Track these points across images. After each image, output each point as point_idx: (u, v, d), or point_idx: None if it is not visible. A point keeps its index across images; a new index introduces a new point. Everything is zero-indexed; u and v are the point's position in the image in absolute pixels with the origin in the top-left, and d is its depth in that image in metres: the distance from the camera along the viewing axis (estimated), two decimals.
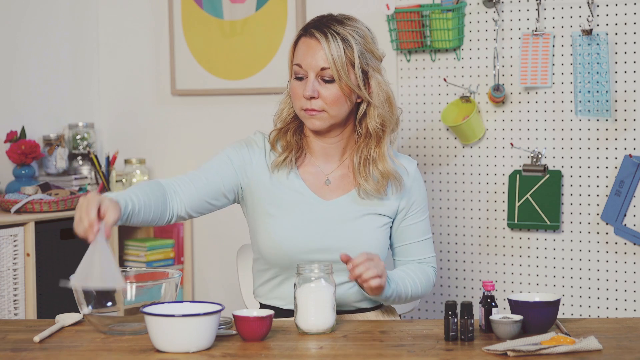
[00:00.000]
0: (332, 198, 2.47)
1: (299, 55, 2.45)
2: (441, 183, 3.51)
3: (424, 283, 2.50)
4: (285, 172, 2.48)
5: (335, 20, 2.45)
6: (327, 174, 2.50)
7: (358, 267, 2.26)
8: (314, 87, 2.41)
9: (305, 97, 2.41)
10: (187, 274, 4.03)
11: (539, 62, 3.29)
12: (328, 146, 2.50)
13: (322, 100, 2.42)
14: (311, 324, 2.17)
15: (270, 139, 2.51)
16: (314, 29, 2.44)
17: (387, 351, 2.03)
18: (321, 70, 2.41)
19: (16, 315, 3.45)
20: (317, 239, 2.43)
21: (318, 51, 2.42)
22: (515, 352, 1.97)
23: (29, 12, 3.95)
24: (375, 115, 2.45)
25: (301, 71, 2.43)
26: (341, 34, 2.41)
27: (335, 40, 2.41)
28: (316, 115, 2.42)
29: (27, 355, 2.03)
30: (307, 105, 2.42)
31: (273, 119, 2.54)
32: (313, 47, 2.42)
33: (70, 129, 4.03)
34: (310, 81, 2.41)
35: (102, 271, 2.03)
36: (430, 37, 3.44)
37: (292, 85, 2.46)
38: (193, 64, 3.99)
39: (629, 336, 2.13)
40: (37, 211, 3.52)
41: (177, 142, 4.10)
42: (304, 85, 2.43)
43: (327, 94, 2.42)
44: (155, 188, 2.38)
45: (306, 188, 2.47)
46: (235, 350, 2.04)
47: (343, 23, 2.44)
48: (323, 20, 2.46)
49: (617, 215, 3.20)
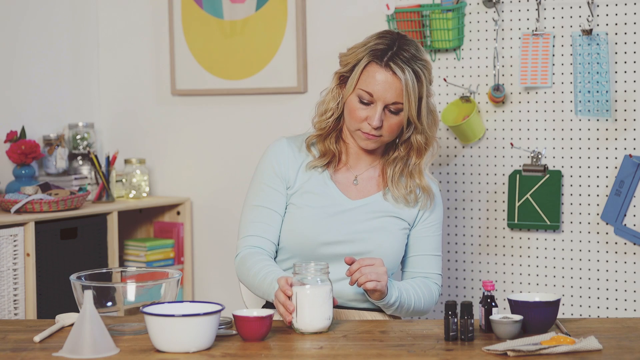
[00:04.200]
0: (357, 198, 2.57)
1: (371, 83, 2.48)
2: (441, 183, 3.51)
3: (427, 299, 2.55)
4: (319, 170, 2.57)
5: (406, 50, 2.48)
6: (357, 174, 2.59)
7: (354, 273, 2.33)
8: (381, 117, 2.48)
9: (371, 125, 2.48)
10: (187, 274, 4.03)
11: (539, 62, 3.29)
12: (364, 155, 2.60)
13: (384, 129, 2.50)
14: (307, 323, 2.18)
15: (308, 141, 2.59)
16: (391, 62, 2.47)
17: (387, 351, 2.03)
18: (392, 104, 2.48)
19: (16, 315, 3.45)
20: (338, 231, 2.51)
21: (393, 86, 2.47)
22: (515, 352, 1.97)
23: (29, 12, 3.95)
24: (420, 131, 2.54)
25: (369, 98, 2.49)
26: (414, 69, 2.48)
27: (411, 75, 2.47)
28: (373, 139, 2.52)
29: (27, 355, 2.03)
30: (367, 129, 2.50)
31: (312, 121, 2.62)
32: (389, 82, 2.47)
33: (70, 129, 4.03)
34: (379, 112, 2.48)
35: (94, 340, 2.01)
36: (430, 37, 3.44)
37: (353, 105, 2.51)
38: (193, 64, 3.99)
39: (629, 336, 2.13)
40: (37, 211, 3.52)
41: (177, 142, 4.10)
42: (368, 111, 2.49)
43: (390, 123, 2.50)
44: (271, 259, 2.52)
45: (334, 187, 2.56)
46: (235, 350, 2.05)
47: (414, 55, 2.49)
48: (396, 50, 2.48)
49: (617, 215, 3.20)
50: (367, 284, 2.32)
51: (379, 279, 2.33)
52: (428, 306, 2.56)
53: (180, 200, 4.04)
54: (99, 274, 2.31)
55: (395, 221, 2.55)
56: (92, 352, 2.00)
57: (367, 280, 2.32)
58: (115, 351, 2.03)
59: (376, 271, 2.33)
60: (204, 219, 4.04)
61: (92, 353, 2.00)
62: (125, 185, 4.00)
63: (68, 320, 2.27)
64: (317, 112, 2.61)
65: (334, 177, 2.58)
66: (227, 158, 3.98)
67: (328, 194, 2.55)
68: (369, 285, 2.33)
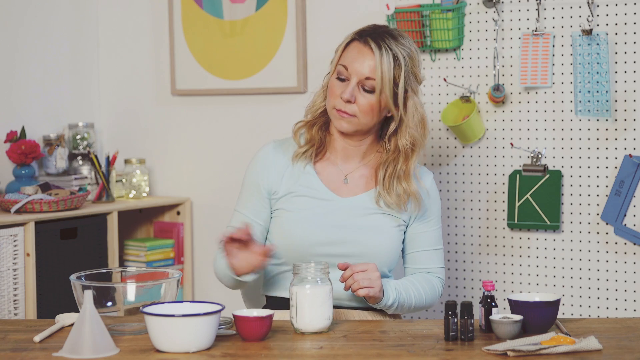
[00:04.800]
0: (348, 196, 2.54)
1: (348, 57, 2.50)
2: (441, 183, 3.51)
3: (429, 294, 2.54)
4: (302, 165, 2.56)
5: (391, 34, 2.51)
6: (347, 174, 2.57)
7: (347, 280, 2.34)
8: (353, 92, 2.48)
9: (342, 98, 2.48)
10: (187, 274, 4.02)
11: (539, 62, 3.29)
12: (349, 147, 2.57)
13: (357, 107, 2.49)
14: (307, 323, 2.18)
15: (295, 128, 2.59)
16: (370, 37, 2.49)
17: (387, 351, 2.03)
18: (365, 79, 2.48)
19: (16, 315, 3.45)
20: (328, 231, 2.49)
21: (368, 60, 2.48)
22: (515, 352, 1.97)
23: (29, 12, 3.95)
24: (406, 134, 2.53)
25: (345, 73, 2.50)
26: (394, 51, 2.48)
27: (388, 55, 2.47)
28: (346, 118, 2.49)
29: (27, 355, 2.03)
30: (341, 106, 2.49)
31: (305, 109, 2.62)
32: (364, 54, 2.48)
33: (70, 129, 4.03)
34: (351, 86, 2.48)
35: (93, 340, 2.01)
36: (430, 37, 3.44)
37: (332, 82, 2.53)
38: (193, 64, 3.99)
39: (629, 336, 2.13)
40: (37, 211, 3.52)
41: (177, 142, 4.10)
42: (344, 87, 2.49)
43: (363, 102, 2.49)
44: None
45: (320, 184, 2.54)
46: (235, 350, 2.05)
47: (397, 40, 2.50)
48: (379, 30, 2.52)
49: (617, 215, 3.20)
50: (360, 291, 2.34)
51: (371, 285, 2.34)
52: (431, 301, 2.56)
53: (180, 200, 4.04)
54: (99, 274, 2.31)
55: (388, 219, 2.54)
56: (92, 352, 2.00)
57: (360, 287, 2.33)
58: (115, 351, 2.03)
59: (369, 277, 2.34)
60: (204, 219, 4.04)
61: (92, 353, 2.00)
62: (125, 185, 4.00)
63: (68, 320, 2.27)
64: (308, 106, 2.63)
65: (322, 176, 2.56)
66: (227, 158, 3.98)
67: (317, 194, 2.53)
68: (361, 293, 2.34)
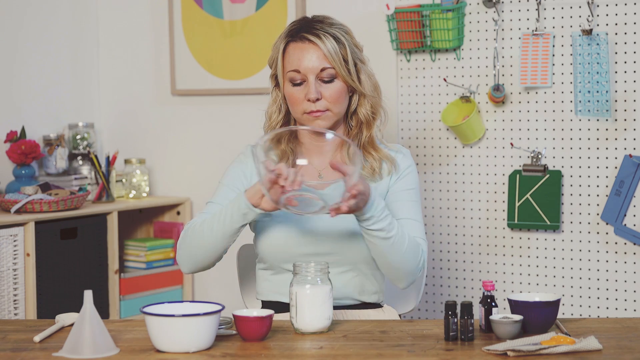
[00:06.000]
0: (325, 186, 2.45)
1: (294, 61, 2.47)
2: (441, 183, 3.51)
3: (412, 249, 2.40)
4: None
5: (319, 22, 2.50)
6: (320, 170, 2.53)
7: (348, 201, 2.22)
8: (317, 88, 2.45)
9: (310, 100, 2.45)
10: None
11: (539, 62, 3.29)
12: (323, 144, 2.54)
13: (325, 100, 2.46)
14: (307, 323, 2.17)
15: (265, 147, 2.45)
16: (303, 32, 2.47)
17: (387, 351, 2.03)
18: (321, 72, 2.46)
19: (16, 315, 3.45)
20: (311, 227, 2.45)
21: (314, 53, 2.46)
22: (515, 352, 1.97)
23: (30, 12, 3.95)
24: (366, 103, 2.52)
25: (299, 76, 2.47)
26: (331, 33, 2.47)
27: (329, 39, 2.46)
28: (321, 115, 2.47)
29: (27, 355, 2.03)
30: (310, 107, 2.46)
31: (263, 128, 2.59)
32: (308, 50, 2.46)
33: (70, 129, 4.03)
34: (312, 84, 2.45)
35: (93, 340, 2.01)
36: (430, 37, 3.44)
37: (289, 91, 2.49)
38: (193, 64, 3.99)
39: (629, 336, 2.13)
40: (37, 211, 3.52)
41: (177, 142, 4.10)
42: (304, 89, 2.47)
43: (329, 93, 2.46)
44: None
45: None
46: (235, 350, 2.05)
47: (329, 24, 2.49)
48: (306, 23, 2.51)
49: (617, 215, 3.20)
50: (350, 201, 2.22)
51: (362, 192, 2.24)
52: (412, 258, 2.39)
53: (180, 200, 4.04)
54: None
55: None
56: (92, 352, 2.00)
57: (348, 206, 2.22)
58: (115, 351, 2.03)
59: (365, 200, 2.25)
60: None
61: (92, 353, 2.00)
62: (125, 185, 4.00)
63: (68, 320, 2.27)
64: (265, 120, 2.59)
65: None
66: (227, 158, 3.95)
67: None
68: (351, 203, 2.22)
